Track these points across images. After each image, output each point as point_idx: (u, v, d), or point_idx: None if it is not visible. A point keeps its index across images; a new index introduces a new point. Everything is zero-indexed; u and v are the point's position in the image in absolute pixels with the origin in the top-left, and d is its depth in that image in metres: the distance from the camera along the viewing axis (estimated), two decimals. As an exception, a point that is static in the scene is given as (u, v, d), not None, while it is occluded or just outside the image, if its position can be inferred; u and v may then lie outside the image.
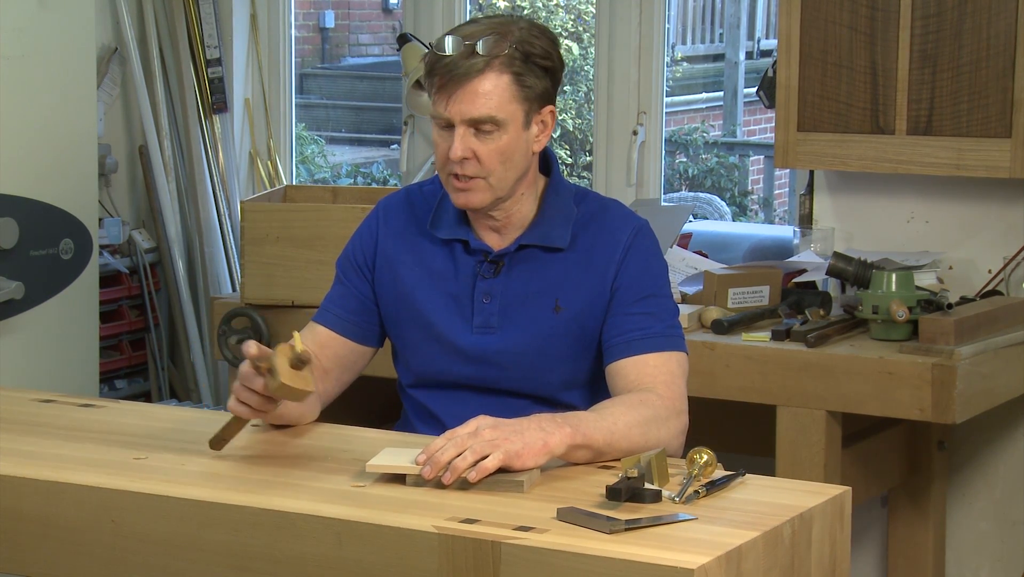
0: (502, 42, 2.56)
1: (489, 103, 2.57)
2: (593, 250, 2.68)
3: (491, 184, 2.62)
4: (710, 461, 2.33)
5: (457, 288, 2.71)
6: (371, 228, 2.80)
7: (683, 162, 6.85)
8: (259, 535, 2.20)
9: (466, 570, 2.07)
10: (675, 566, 1.96)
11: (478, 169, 2.60)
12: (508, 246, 2.70)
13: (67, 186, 4.25)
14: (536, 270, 2.69)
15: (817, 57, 3.88)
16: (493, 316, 2.68)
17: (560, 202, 2.71)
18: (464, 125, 2.58)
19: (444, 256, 2.73)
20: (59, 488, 2.34)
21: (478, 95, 2.56)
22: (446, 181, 2.64)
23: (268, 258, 4.06)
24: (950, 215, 4.00)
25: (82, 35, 4.28)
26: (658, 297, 2.67)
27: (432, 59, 2.59)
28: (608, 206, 2.74)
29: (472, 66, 2.55)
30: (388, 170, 6.40)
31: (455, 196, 2.64)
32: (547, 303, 2.68)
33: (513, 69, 2.57)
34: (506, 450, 2.27)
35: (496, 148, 2.59)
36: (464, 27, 2.64)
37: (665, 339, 2.62)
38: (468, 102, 2.56)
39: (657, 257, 2.72)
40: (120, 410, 2.85)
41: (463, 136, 2.58)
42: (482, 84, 2.56)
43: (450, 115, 2.58)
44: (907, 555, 3.99)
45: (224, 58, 5.03)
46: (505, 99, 2.58)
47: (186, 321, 4.99)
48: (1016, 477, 4.01)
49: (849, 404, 3.46)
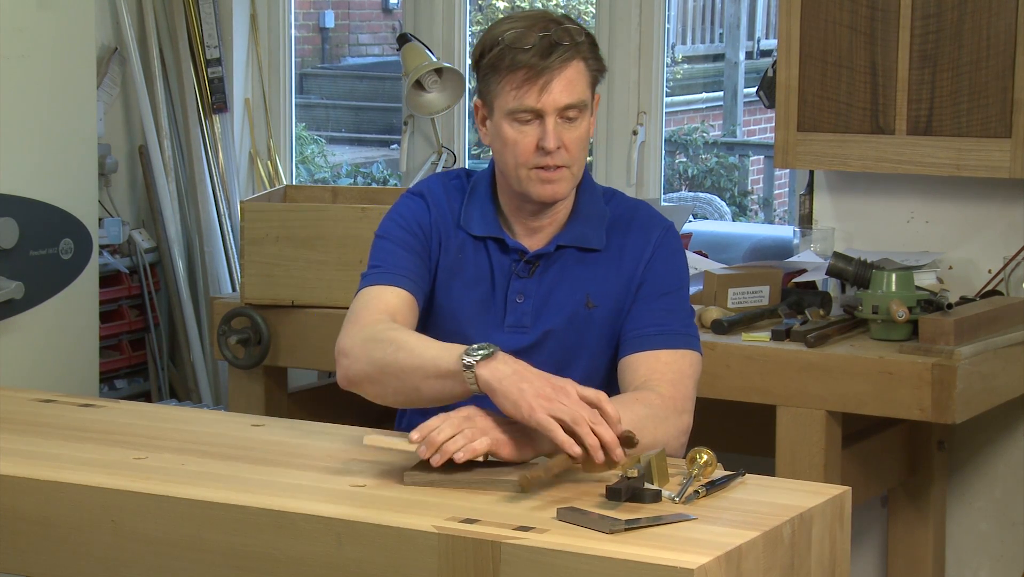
0: (579, 30, 2.61)
1: (576, 89, 2.60)
2: (624, 250, 2.70)
3: (573, 173, 2.64)
4: (710, 461, 2.33)
5: (489, 286, 2.71)
6: (420, 208, 2.75)
7: (683, 162, 6.85)
8: (259, 535, 2.20)
9: (466, 570, 2.07)
10: (675, 566, 1.96)
11: (565, 158, 2.61)
12: (546, 246, 2.70)
13: (67, 186, 4.25)
14: (570, 270, 2.70)
15: (817, 57, 3.88)
16: (526, 316, 2.69)
17: (593, 202, 2.73)
18: (555, 114, 2.59)
19: (478, 253, 2.72)
20: (59, 488, 2.34)
21: (569, 82, 2.59)
22: (527, 176, 2.63)
23: (268, 258, 4.06)
24: (950, 215, 4.00)
25: (82, 35, 4.28)
26: (678, 295, 2.69)
27: (508, 53, 2.59)
28: (638, 206, 2.76)
29: (562, 56, 2.57)
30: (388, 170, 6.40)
31: (541, 188, 2.63)
32: (579, 299, 2.69)
33: (583, 55, 2.61)
34: (495, 438, 2.31)
35: (578, 135, 2.62)
36: (522, 21, 2.62)
37: (680, 337, 2.63)
38: (561, 90, 2.58)
39: (682, 258, 2.74)
40: (120, 410, 2.85)
41: (555, 125, 2.59)
42: (570, 71, 2.59)
43: (543, 105, 2.58)
44: (907, 555, 3.99)
45: (224, 58, 5.03)
46: (584, 85, 2.62)
47: (186, 321, 4.99)
48: (1016, 477, 4.01)
49: (849, 404, 3.46)
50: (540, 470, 2.23)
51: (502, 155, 2.65)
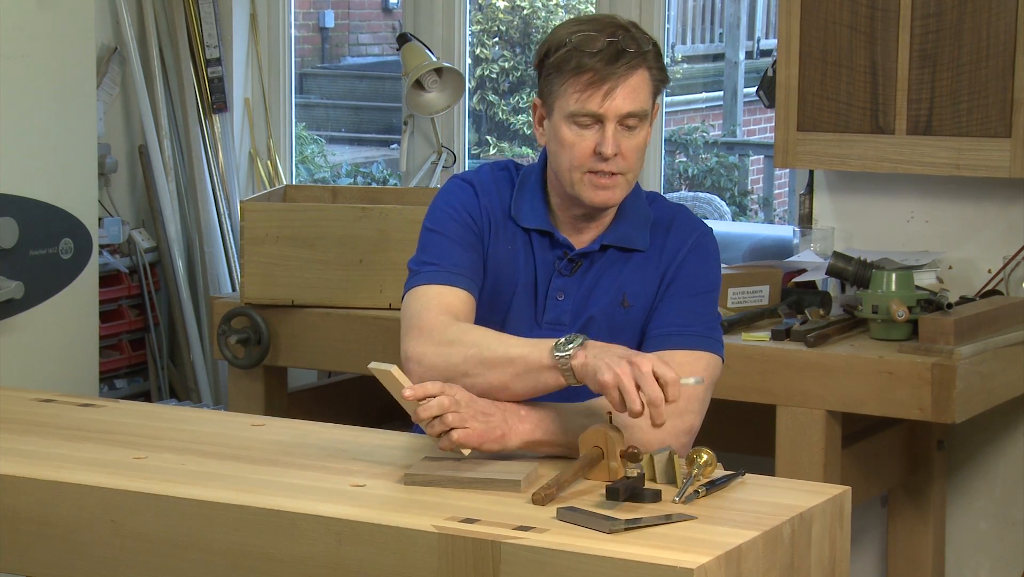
0: (646, 39, 2.60)
1: (639, 98, 2.59)
2: (662, 252, 2.70)
3: (628, 180, 2.64)
4: (710, 461, 2.33)
5: (532, 281, 2.71)
6: (470, 196, 2.73)
7: (683, 162, 6.85)
8: (259, 535, 2.20)
9: (466, 570, 2.07)
10: (675, 566, 1.96)
11: (622, 165, 2.61)
12: (590, 244, 2.70)
13: (67, 186, 4.25)
14: (610, 269, 2.70)
15: (817, 57, 3.88)
16: (565, 314, 2.69)
17: (638, 204, 2.73)
18: (615, 121, 2.59)
19: (523, 245, 2.72)
20: (59, 488, 2.34)
21: (634, 91, 2.59)
22: (580, 180, 2.62)
23: (268, 258, 4.06)
24: (950, 215, 4.00)
25: (82, 35, 4.28)
26: (705, 299, 2.68)
27: (577, 56, 2.58)
28: (679, 210, 2.77)
29: (629, 63, 2.57)
30: (388, 170, 6.40)
31: (594, 194, 2.63)
32: (616, 298, 2.69)
33: (648, 64, 2.61)
34: (471, 430, 2.35)
35: (637, 144, 2.62)
36: (589, 24, 2.62)
37: (700, 339, 2.62)
38: (624, 98, 2.58)
39: (714, 263, 2.73)
40: (120, 410, 2.85)
41: (614, 132, 2.59)
42: (635, 79, 2.59)
43: (604, 111, 2.58)
44: (907, 555, 3.99)
45: (224, 58, 5.03)
46: (647, 94, 2.62)
47: (186, 321, 4.99)
48: (1016, 477, 4.01)
49: (849, 404, 3.46)
50: (553, 486, 2.23)
51: (558, 156, 2.64)
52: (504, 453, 2.41)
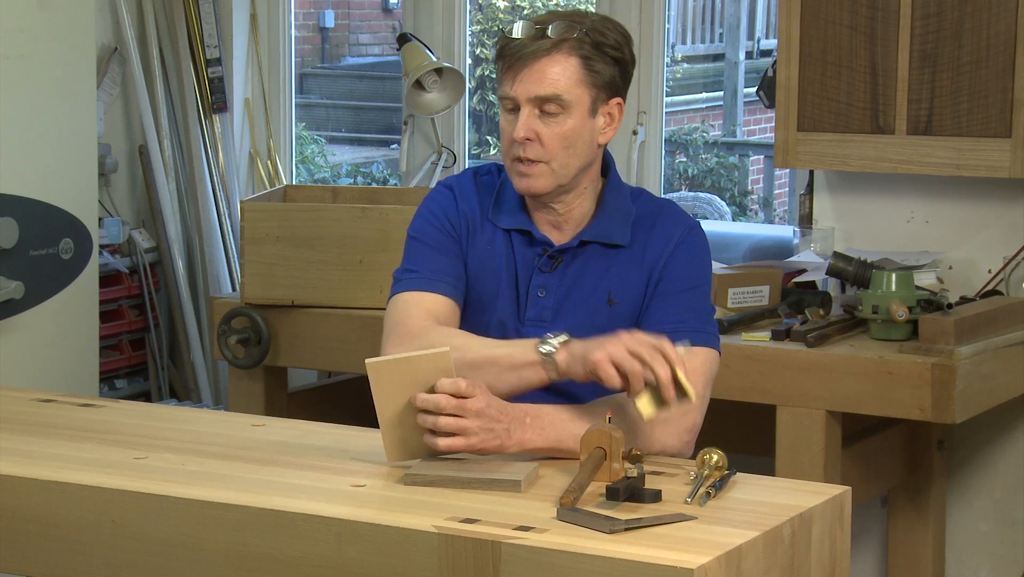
0: (573, 27, 2.59)
1: (556, 83, 2.58)
2: (647, 247, 2.69)
3: (553, 169, 2.62)
4: (720, 462, 2.32)
5: (512, 279, 2.71)
6: (449, 201, 2.75)
7: (683, 162, 6.85)
8: (259, 535, 2.20)
9: (466, 570, 2.07)
10: (675, 566, 1.96)
11: (541, 152, 2.60)
12: (569, 241, 2.70)
13: (67, 186, 4.25)
14: (592, 266, 2.70)
15: (817, 57, 3.88)
16: (547, 310, 2.69)
17: (619, 200, 2.73)
18: (529, 105, 2.59)
19: (503, 245, 2.72)
20: (59, 488, 2.34)
21: (545, 75, 2.58)
22: (510, 167, 2.65)
23: (268, 258, 4.06)
24: (950, 215, 4.00)
25: (82, 35, 4.28)
26: (696, 292, 2.67)
27: (502, 42, 2.62)
28: (664, 205, 2.76)
29: (540, 46, 2.58)
30: (388, 170, 6.40)
31: (517, 181, 2.64)
32: (601, 297, 2.68)
33: (582, 53, 2.60)
34: (472, 441, 2.35)
35: (560, 132, 2.60)
36: (538, 16, 2.66)
37: (696, 335, 2.61)
38: (533, 81, 2.58)
39: (704, 256, 2.72)
40: (120, 410, 2.85)
41: (528, 117, 2.59)
42: (550, 64, 2.58)
43: (516, 94, 2.59)
44: (907, 555, 3.99)
45: (224, 58, 5.03)
46: (572, 81, 2.59)
47: (186, 321, 4.99)
48: (1016, 477, 4.01)
49: (849, 404, 3.46)
50: (577, 490, 2.23)
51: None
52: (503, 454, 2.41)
